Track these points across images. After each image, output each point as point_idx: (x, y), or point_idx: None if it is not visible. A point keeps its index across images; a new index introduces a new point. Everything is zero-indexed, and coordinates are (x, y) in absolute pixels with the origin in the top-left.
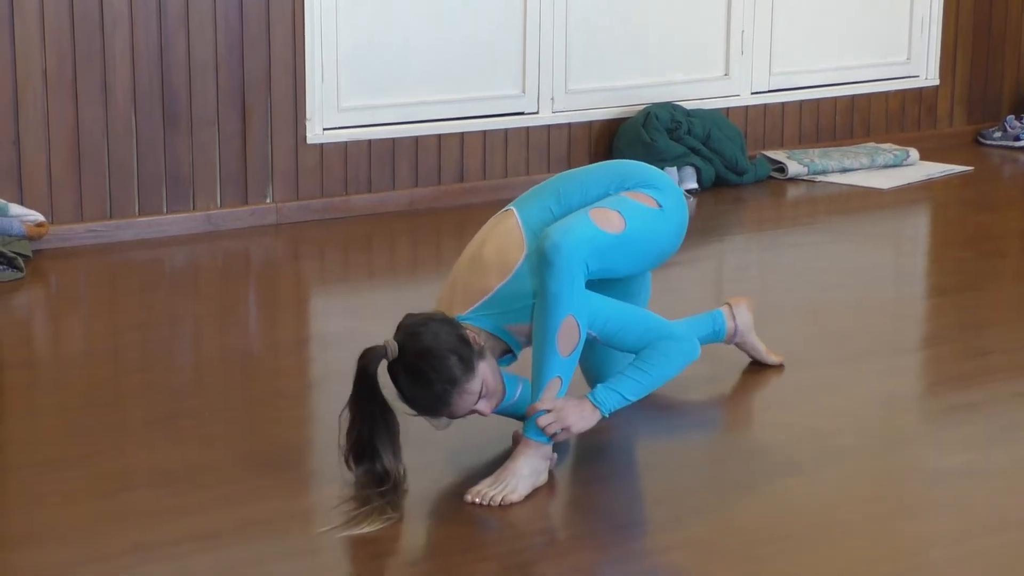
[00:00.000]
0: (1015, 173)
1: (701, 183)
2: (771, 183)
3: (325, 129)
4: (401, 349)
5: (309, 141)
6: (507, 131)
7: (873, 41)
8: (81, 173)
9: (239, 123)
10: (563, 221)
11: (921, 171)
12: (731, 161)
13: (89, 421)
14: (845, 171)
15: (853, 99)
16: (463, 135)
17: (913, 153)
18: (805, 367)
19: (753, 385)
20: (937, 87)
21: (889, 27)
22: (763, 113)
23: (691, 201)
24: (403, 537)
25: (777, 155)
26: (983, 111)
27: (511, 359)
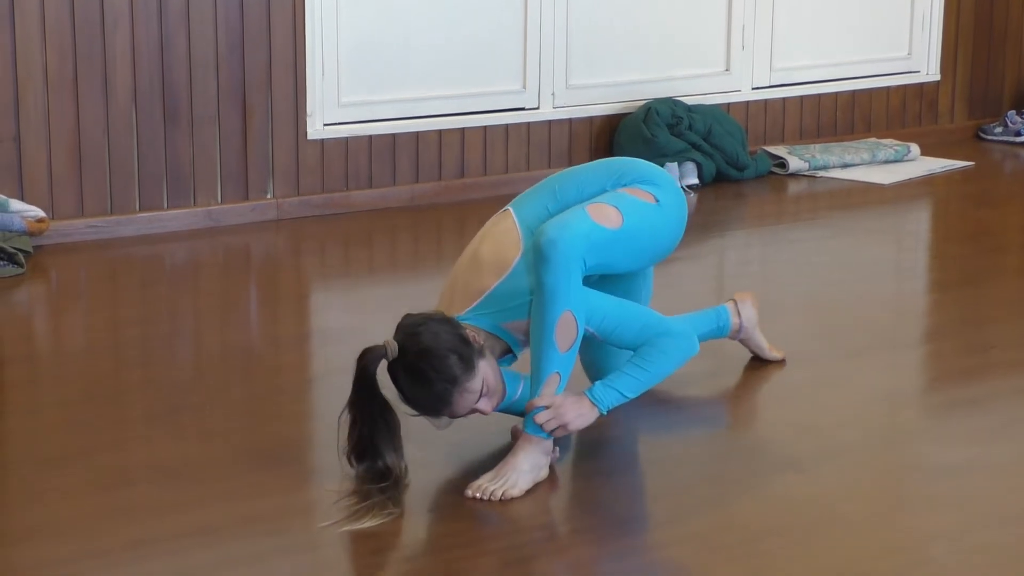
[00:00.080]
0: (1016, 168)
1: (702, 179)
2: (772, 178)
3: (326, 125)
4: (401, 349)
5: (310, 137)
6: (508, 127)
7: (874, 36)
8: (82, 169)
9: (240, 119)
10: (559, 217)
11: (922, 166)
12: (732, 157)
13: (89, 417)
14: (846, 166)
15: (854, 94)
16: (464, 131)
17: (914, 148)
18: (806, 363)
19: (754, 381)
20: (938, 82)
21: (890, 22)
22: (764, 108)
23: (692, 197)
24: (403, 532)
25: (778, 150)
26: (984, 106)
27: (511, 359)
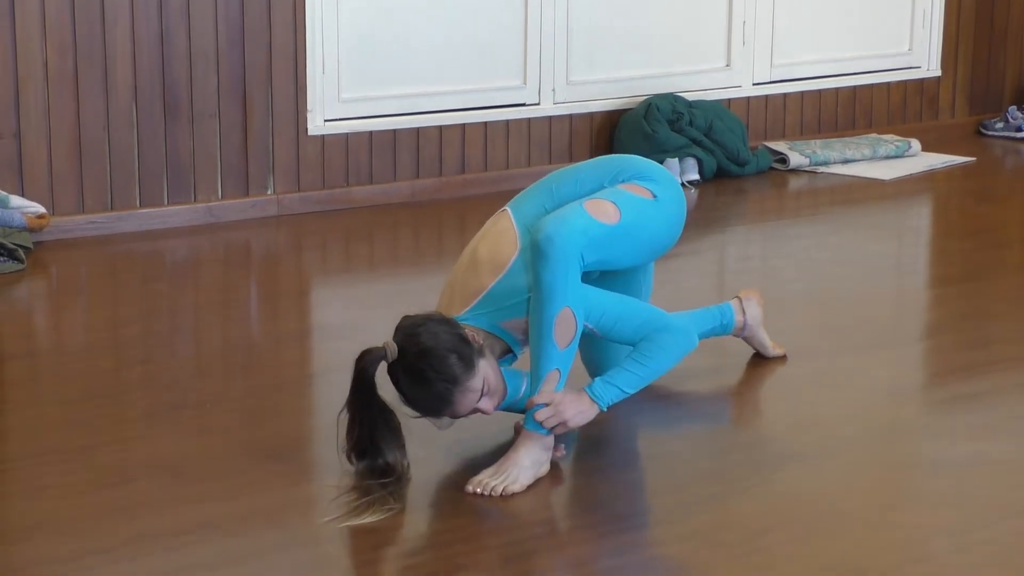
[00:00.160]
0: (1017, 164)
1: (703, 174)
2: (773, 174)
3: (326, 120)
4: (400, 350)
5: (310, 132)
6: (508, 123)
7: (875, 32)
8: (82, 165)
9: (240, 115)
10: (557, 212)
11: (923, 162)
12: (733, 152)
13: (90, 413)
14: (847, 162)
15: (855, 90)
16: (464, 127)
17: (915, 144)
18: (807, 358)
19: (755, 376)
20: (939, 78)
21: (891, 18)
22: (765, 104)
23: (693, 192)
24: (404, 527)
25: (779, 146)
26: (985, 102)
27: (512, 358)
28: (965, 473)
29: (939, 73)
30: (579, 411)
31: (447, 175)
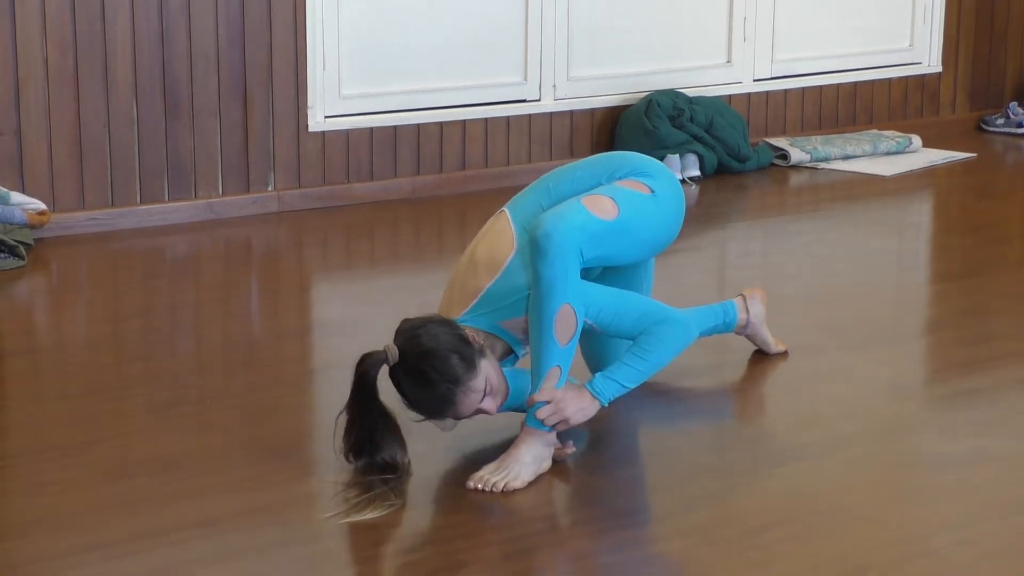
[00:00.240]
0: (1018, 160)
1: (703, 170)
2: (773, 170)
3: (327, 117)
4: (401, 353)
5: (311, 129)
6: (509, 119)
7: (875, 28)
8: (82, 161)
9: (240, 111)
10: (555, 209)
11: (924, 158)
12: (733, 148)
13: (90, 409)
14: (848, 158)
15: (856, 86)
16: (465, 123)
17: (916, 140)
18: (808, 354)
19: (756, 372)
20: (940, 74)
21: (891, 14)
22: (765, 100)
23: (693, 188)
24: (405, 523)
25: (779, 142)
26: (986, 98)
27: (514, 359)
28: (966, 469)
29: (940, 69)
30: (580, 408)
31: (448, 171)
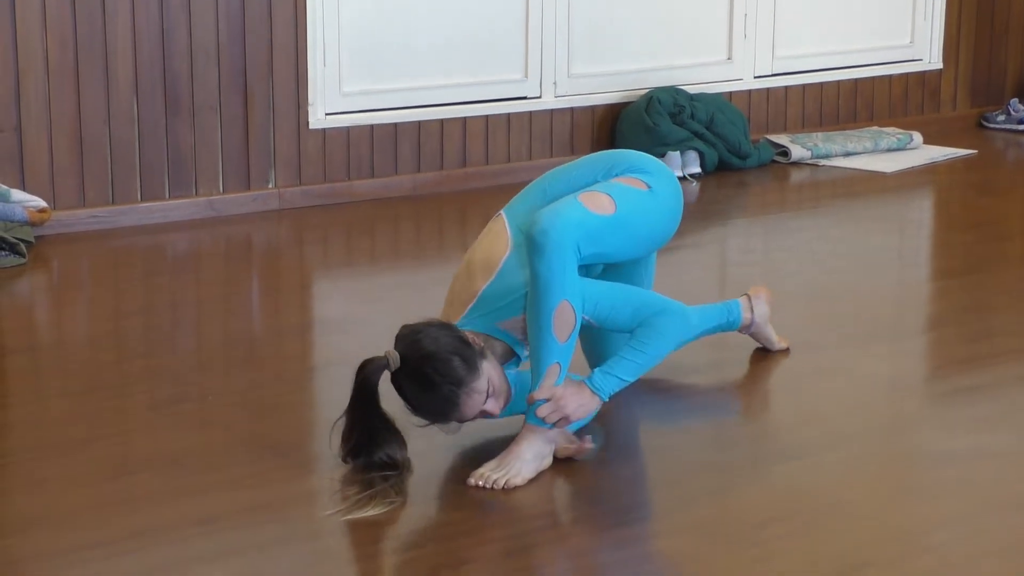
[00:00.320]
0: (1019, 156)
1: (704, 167)
2: (774, 167)
3: (327, 114)
4: (402, 358)
5: (311, 126)
6: (510, 116)
7: (876, 24)
8: (83, 159)
9: (241, 108)
10: (551, 206)
11: (924, 155)
12: (734, 145)
13: (91, 406)
14: (848, 155)
15: (856, 83)
16: (465, 120)
17: (917, 137)
18: (809, 351)
19: (757, 369)
20: (941, 71)
21: (892, 10)
22: (766, 97)
23: (694, 185)
24: (406, 521)
25: (780, 139)
26: (987, 95)
27: (517, 361)
28: (966, 466)
29: (940, 65)
30: (580, 404)
31: (448, 169)
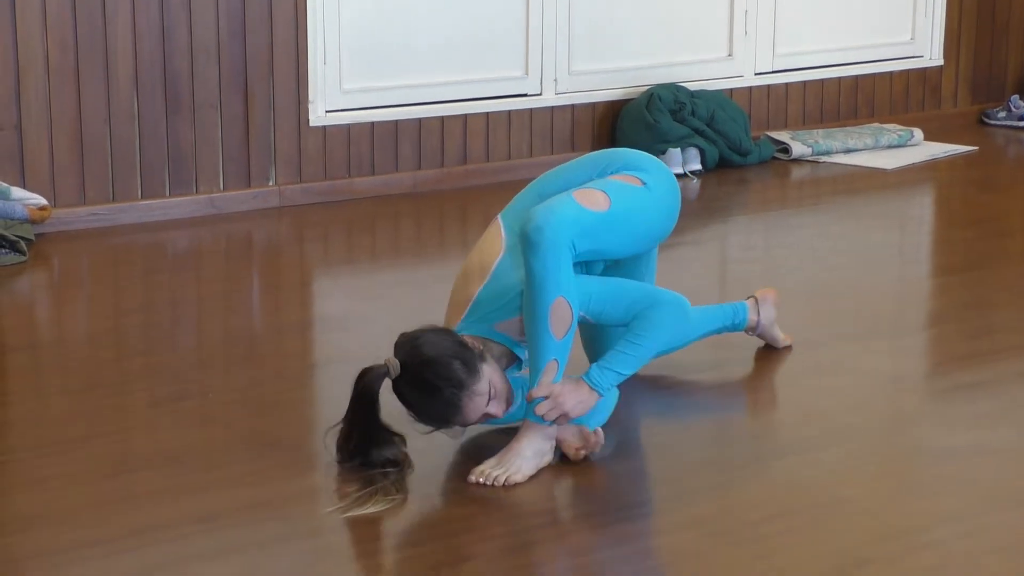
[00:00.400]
0: (1019, 153)
1: (705, 164)
2: (775, 164)
3: (328, 111)
4: (403, 365)
5: (312, 123)
6: (510, 113)
7: (877, 21)
8: (83, 156)
9: (241, 106)
10: (546, 203)
11: (925, 151)
12: (735, 142)
13: (91, 404)
14: (849, 152)
15: (857, 79)
16: (466, 117)
17: (917, 133)
18: (810, 347)
19: (758, 366)
20: (941, 67)
21: (893, 7)
22: (767, 94)
23: (695, 182)
24: (406, 518)
25: (781, 136)
26: (987, 91)
27: (519, 365)
28: (967, 462)
29: (941, 62)
30: (579, 401)
31: (449, 166)
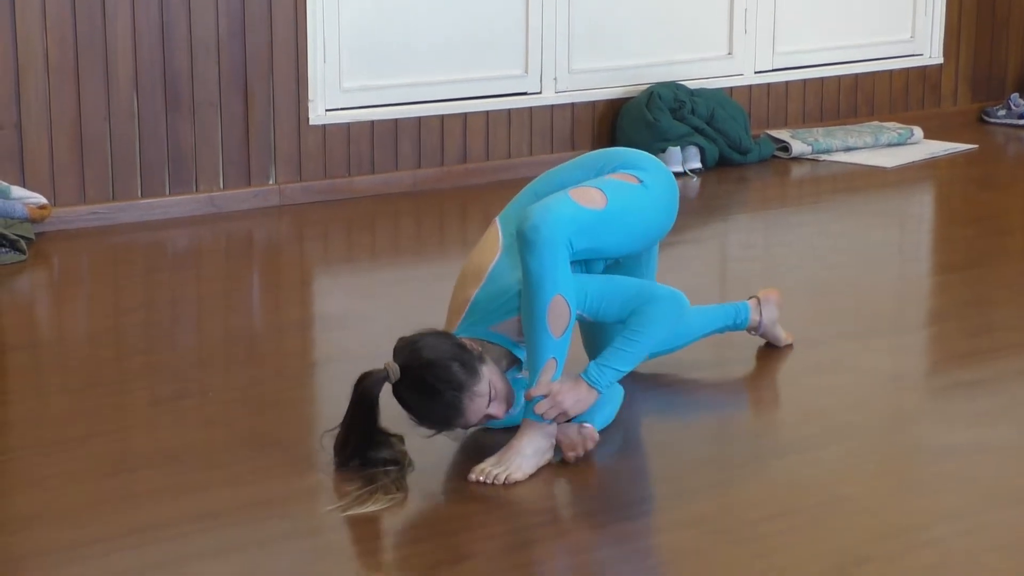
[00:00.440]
0: (1019, 151)
1: (705, 163)
2: (775, 162)
3: (328, 110)
4: (403, 369)
5: (312, 122)
6: (510, 111)
7: (877, 19)
8: (83, 155)
9: (241, 104)
10: (542, 201)
11: (925, 149)
12: (735, 140)
13: (91, 402)
14: (849, 150)
15: (857, 78)
16: (466, 116)
17: (917, 131)
18: (810, 345)
19: (758, 364)
20: (941, 65)
21: (893, 5)
22: (767, 92)
23: (695, 181)
24: (406, 516)
25: (781, 134)
26: (987, 89)
27: (519, 368)
28: (967, 460)
29: (941, 60)
30: (578, 399)
31: (449, 164)
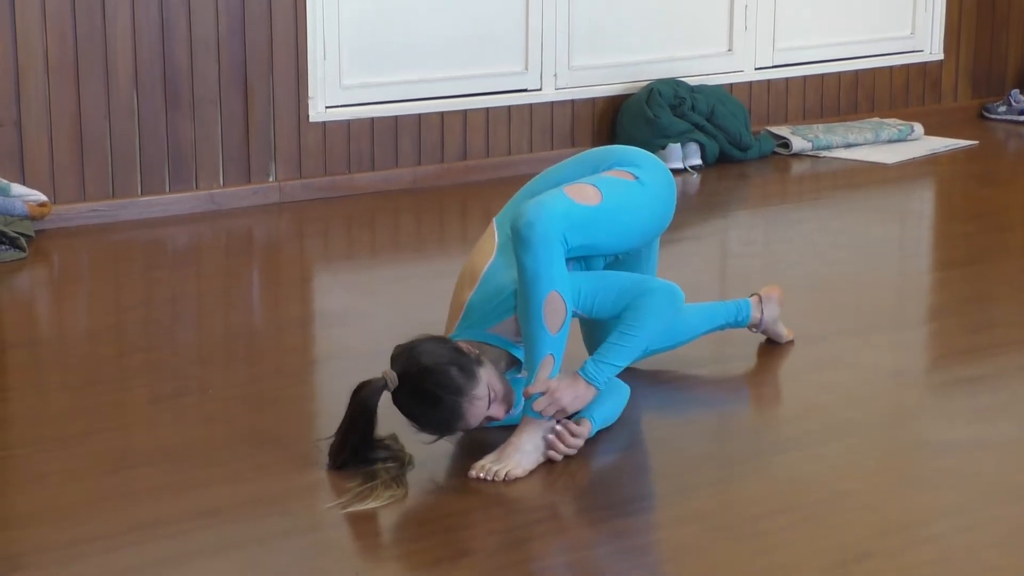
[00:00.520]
0: (1020, 147)
1: (705, 159)
2: (775, 159)
3: (327, 107)
4: (401, 376)
5: (311, 119)
6: (510, 108)
7: (877, 15)
8: (83, 153)
9: (241, 102)
10: (537, 198)
11: (926, 146)
12: (735, 137)
13: (91, 400)
14: (849, 146)
15: (857, 74)
16: (466, 113)
17: (918, 128)
18: (810, 342)
19: (758, 360)
20: (941, 61)
21: (893, 1)
22: (767, 89)
23: (695, 177)
24: (406, 513)
25: (781, 131)
26: (988, 85)
27: (518, 368)
28: (968, 456)
29: (941, 56)
30: (575, 396)
31: (449, 161)
